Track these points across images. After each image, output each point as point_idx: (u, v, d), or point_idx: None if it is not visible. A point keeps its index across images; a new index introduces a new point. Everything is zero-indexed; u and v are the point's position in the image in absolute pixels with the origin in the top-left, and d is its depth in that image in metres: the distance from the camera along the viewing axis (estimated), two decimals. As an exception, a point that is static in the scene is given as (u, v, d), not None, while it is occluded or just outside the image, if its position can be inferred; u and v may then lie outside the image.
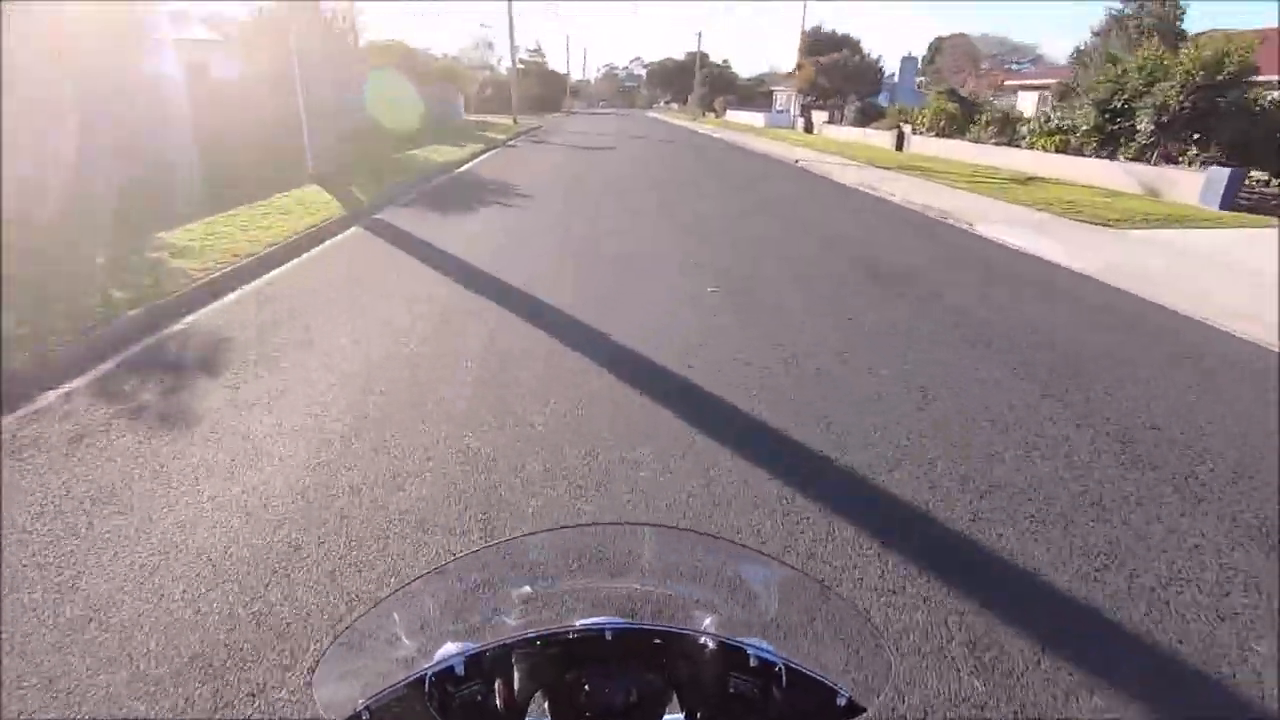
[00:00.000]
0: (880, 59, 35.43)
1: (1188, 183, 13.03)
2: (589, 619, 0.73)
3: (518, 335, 4.98)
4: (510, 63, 38.98)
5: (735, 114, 54.36)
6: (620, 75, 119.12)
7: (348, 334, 4.88)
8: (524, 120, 39.87)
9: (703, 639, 0.72)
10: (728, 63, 73.73)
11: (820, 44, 35.84)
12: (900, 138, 24.76)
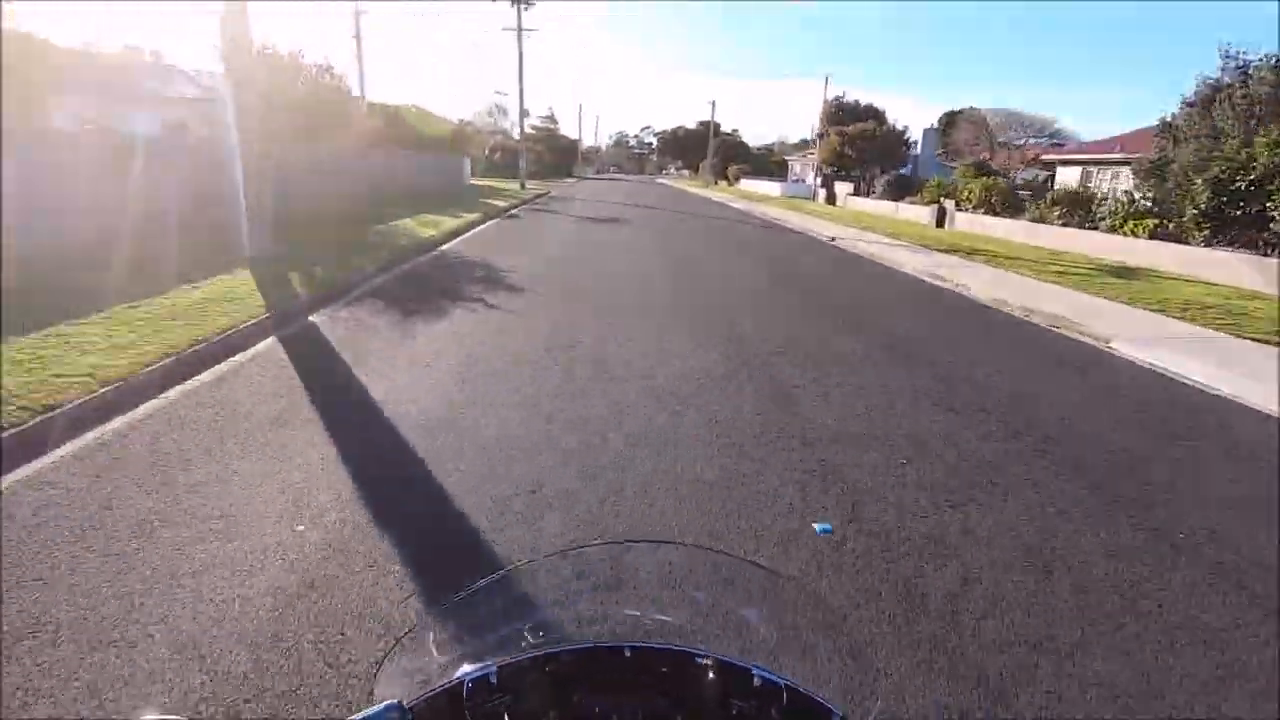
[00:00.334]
0: (907, 130, 33.92)
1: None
2: (603, 641, 0.80)
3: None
4: (519, 127, 37.72)
5: (750, 183, 53.13)
6: (631, 142, 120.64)
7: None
8: (532, 186, 38.33)
9: (708, 660, 0.77)
10: (737, 131, 73.56)
11: (844, 113, 34.38)
12: (941, 214, 22.56)
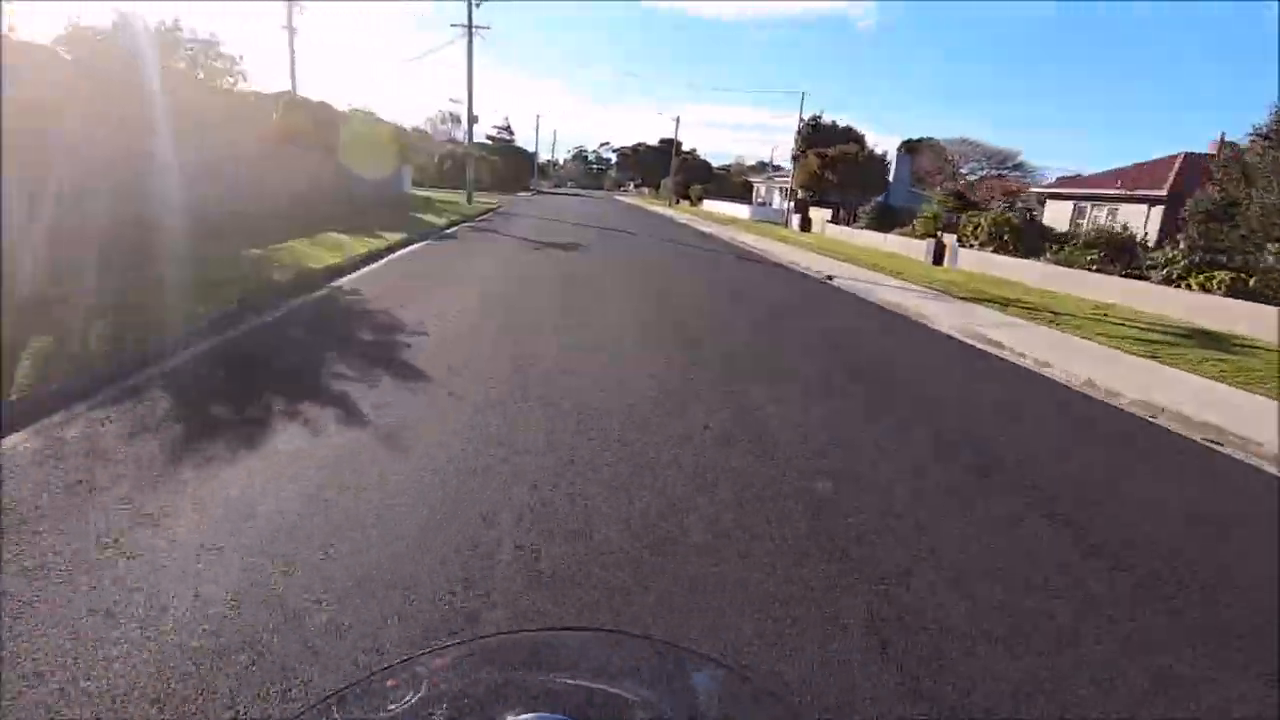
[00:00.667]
0: (887, 155, 31.70)
1: None
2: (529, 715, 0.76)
3: None
4: (466, 133, 34.10)
5: (715, 204, 50.67)
6: (590, 158, 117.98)
7: None
8: (482, 200, 34.80)
9: None
10: (695, 151, 71.27)
11: (821, 135, 32.00)
12: (940, 249, 20.10)
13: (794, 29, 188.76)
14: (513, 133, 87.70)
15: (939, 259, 20.10)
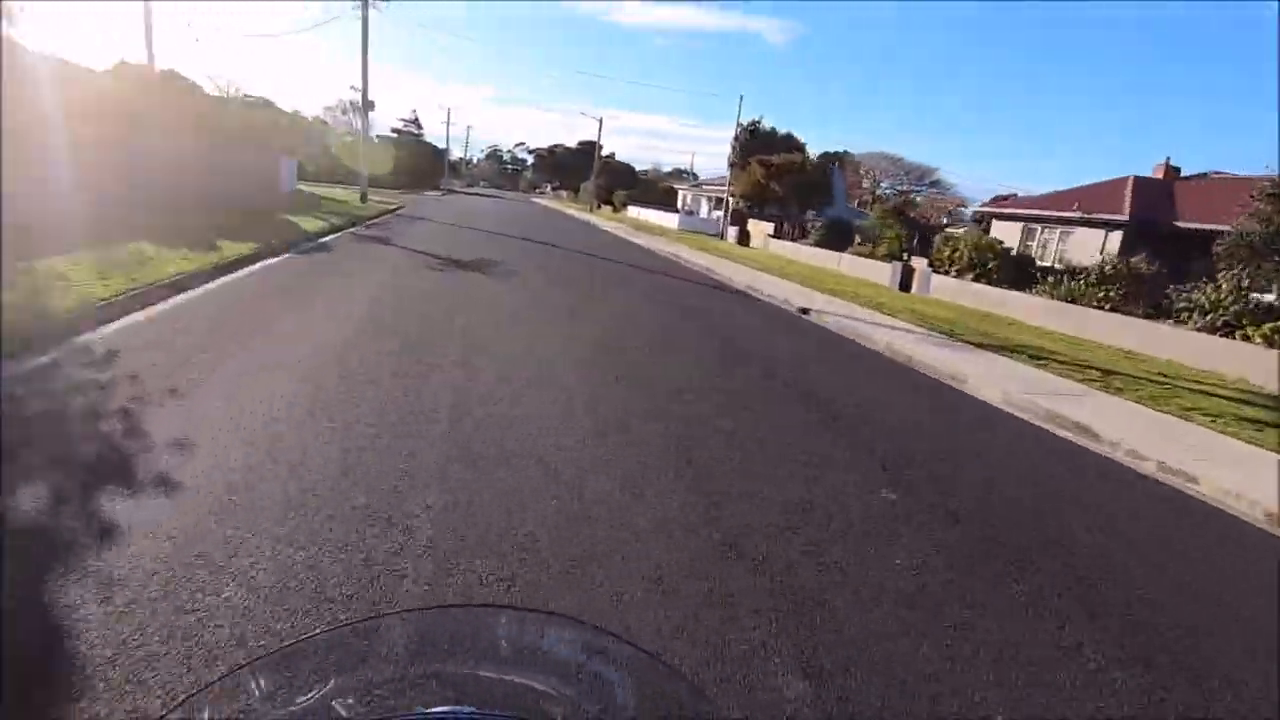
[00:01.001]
0: (832, 167, 29.71)
1: None
2: (438, 708, 0.71)
3: None
4: (362, 123, 29.55)
5: (640, 211, 47.74)
6: (505, 157, 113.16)
7: None
8: (381, 199, 30.32)
9: None
10: (614, 155, 68.39)
11: (759, 141, 29.64)
12: (907, 274, 17.88)
13: (695, 39, 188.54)
14: (421, 127, 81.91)
15: (905, 285, 17.88)
